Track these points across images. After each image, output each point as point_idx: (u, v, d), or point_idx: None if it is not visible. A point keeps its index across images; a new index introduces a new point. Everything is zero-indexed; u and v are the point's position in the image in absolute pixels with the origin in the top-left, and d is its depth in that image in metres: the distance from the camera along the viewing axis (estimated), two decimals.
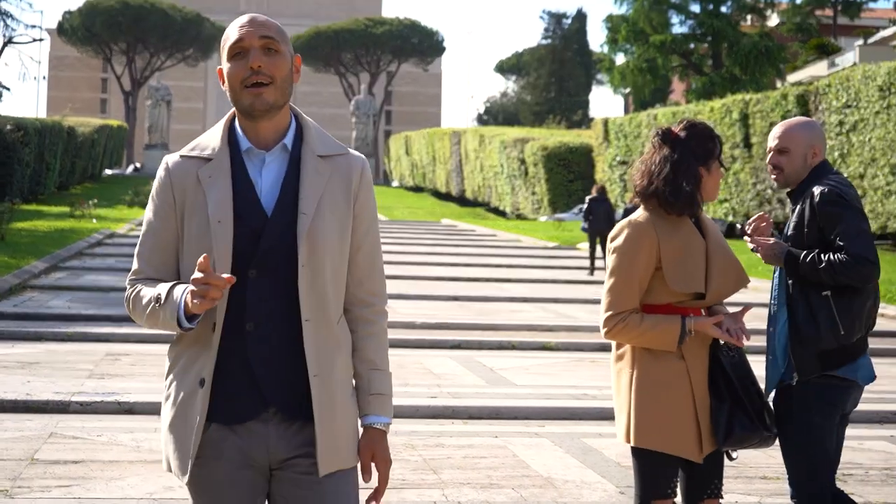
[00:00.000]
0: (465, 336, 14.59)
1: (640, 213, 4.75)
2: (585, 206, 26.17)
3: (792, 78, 62.16)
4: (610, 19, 63.42)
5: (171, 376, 3.40)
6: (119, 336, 13.24)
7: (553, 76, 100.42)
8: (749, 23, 66.60)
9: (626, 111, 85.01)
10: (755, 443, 4.71)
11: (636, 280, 4.64)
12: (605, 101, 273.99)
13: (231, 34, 3.34)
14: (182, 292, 3.20)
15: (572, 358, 13.16)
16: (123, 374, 10.85)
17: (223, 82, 3.38)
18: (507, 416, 9.67)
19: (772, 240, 5.03)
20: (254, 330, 3.28)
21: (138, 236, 3.44)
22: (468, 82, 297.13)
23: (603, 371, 11.91)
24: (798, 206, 5.03)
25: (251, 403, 3.29)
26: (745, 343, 4.67)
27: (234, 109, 3.42)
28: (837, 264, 4.81)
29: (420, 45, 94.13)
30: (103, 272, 20.95)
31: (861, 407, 10.00)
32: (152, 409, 9.27)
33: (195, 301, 3.08)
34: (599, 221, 25.17)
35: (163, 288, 3.27)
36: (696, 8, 62.84)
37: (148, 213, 3.43)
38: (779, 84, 62.24)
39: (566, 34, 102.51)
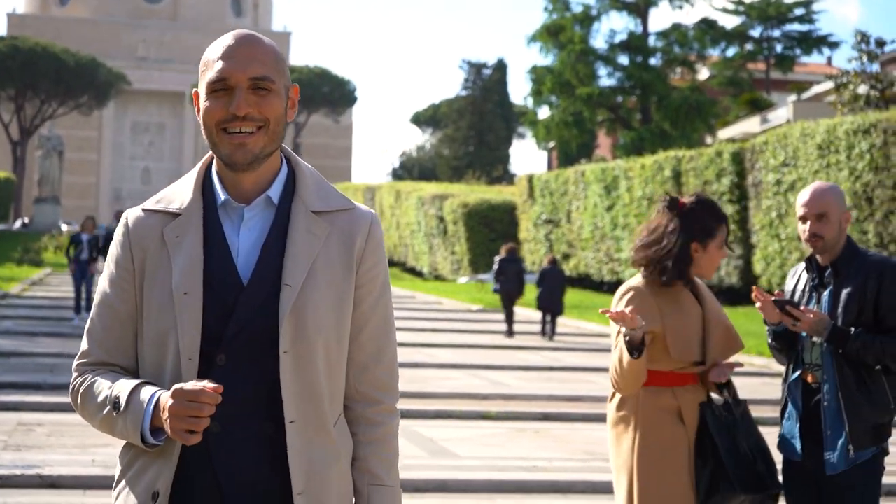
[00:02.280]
0: (399, 405, 14.62)
1: (638, 279, 5.01)
2: (496, 266, 27.38)
3: (723, 133, 63.33)
4: (534, 70, 64.21)
5: (119, 486, 2.90)
6: (30, 405, 13.16)
7: (472, 129, 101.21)
8: (679, 76, 67.81)
9: (550, 166, 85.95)
10: (735, 501, 4.96)
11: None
12: (526, 156, 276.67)
13: (213, 62, 2.85)
14: (151, 398, 2.73)
15: (514, 427, 13.32)
16: (41, 446, 10.82)
17: (198, 110, 2.90)
18: (455, 488, 9.79)
19: (816, 311, 5.19)
20: (220, 432, 2.77)
21: (34, 297, 3.21)
22: (382, 135, 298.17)
23: (548, 442, 12.08)
24: (851, 278, 5.20)
25: None
26: (723, 379, 5.01)
27: (210, 153, 2.97)
28: (890, 350, 5.06)
29: (331, 94, 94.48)
30: (0, 336, 20.74)
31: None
32: (76, 483, 9.31)
33: (178, 432, 2.62)
34: (510, 282, 26.43)
35: (123, 388, 2.79)
36: (624, 60, 63.91)
37: (102, 282, 2.96)
38: (709, 139, 63.44)
39: (486, 85, 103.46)
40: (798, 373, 5.34)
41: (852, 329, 5.11)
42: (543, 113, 66.97)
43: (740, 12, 74.66)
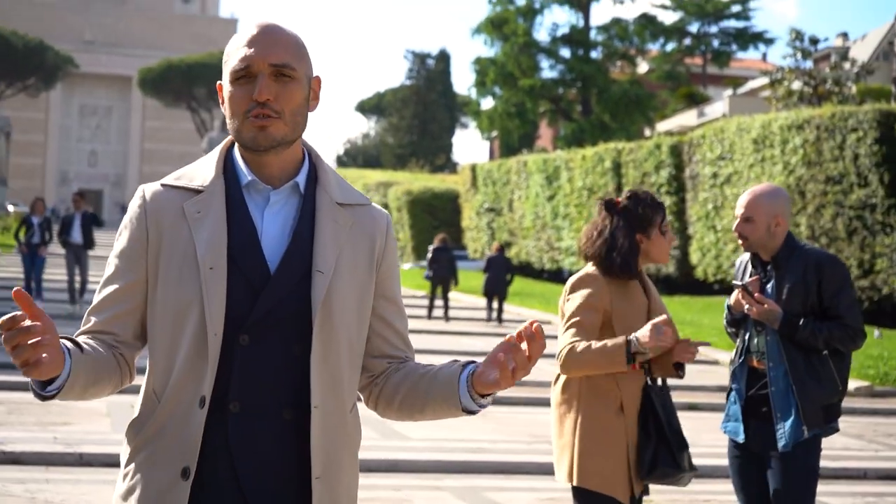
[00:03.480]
0: None
1: (591, 269, 5.26)
2: (430, 255, 28.31)
3: (661, 126, 63.92)
4: (478, 62, 64.46)
5: (133, 465, 2.82)
6: None
7: (416, 118, 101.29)
8: (619, 69, 68.30)
9: (492, 156, 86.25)
10: (675, 479, 5.28)
11: (594, 324, 5.17)
12: (468, 145, 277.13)
13: (236, 51, 2.84)
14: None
15: None
16: (2, 423, 10.89)
17: (222, 101, 2.88)
18: (406, 469, 10.00)
19: (770, 301, 5.49)
20: (239, 412, 2.75)
21: None
22: (327, 122, 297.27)
23: (492, 422, 12.32)
24: (791, 272, 5.50)
25: None
26: (688, 359, 5.19)
27: (230, 137, 2.95)
28: (837, 335, 5.42)
29: None
30: None
31: (715, 462, 10.56)
32: (39, 460, 9.43)
33: (23, 367, 2.43)
34: (442, 269, 27.39)
35: None
36: (566, 53, 64.31)
37: (112, 256, 2.89)
38: (648, 132, 63.96)
39: (430, 75, 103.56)
40: (742, 359, 5.65)
41: (801, 319, 5.41)
42: (487, 103, 67.30)
43: (679, 8, 75.27)
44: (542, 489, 9.43)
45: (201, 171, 2.89)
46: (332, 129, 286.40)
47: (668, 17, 74.99)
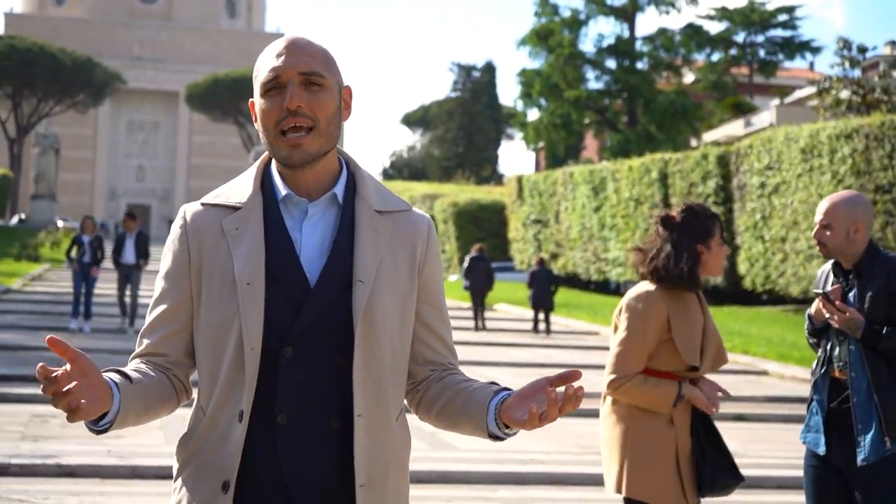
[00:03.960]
0: None
1: (648, 286, 5.28)
2: (466, 264, 28.59)
3: (707, 137, 63.67)
4: (523, 73, 64.51)
5: (180, 479, 2.89)
6: (42, 397, 13.34)
7: (462, 130, 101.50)
8: (665, 80, 68.16)
9: (538, 167, 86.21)
10: (731, 489, 5.33)
11: (644, 346, 5.22)
12: (514, 156, 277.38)
13: (265, 63, 2.86)
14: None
15: None
16: (57, 436, 11.03)
17: (255, 119, 2.90)
18: (457, 480, 10.03)
19: (852, 310, 5.41)
20: (286, 424, 2.78)
21: (34, 292, 2.95)
22: (373, 135, 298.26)
23: (543, 434, 12.33)
24: (874, 279, 5.46)
25: None
26: (716, 412, 5.30)
27: (267, 153, 2.97)
28: None
29: None
30: (5, 330, 20.90)
31: (762, 473, 10.54)
32: (93, 472, 9.54)
33: (67, 415, 2.49)
34: (479, 279, 27.71)
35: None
36: (611, 64, 64.27)
37: (159, 278, 2.96)
38: (694, 142, 63.76)
39: (475, 87, 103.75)
40: (825, 369, 5.58)
41: (884, 328, 5.37)
42: (532, 115, 67.32)
43: (724, 18, 75.03)
44: (592, 500, 9.45)
45: (239, 188, 2.93)
46: (377, 142, 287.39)
47: (714, 27, 74.90)
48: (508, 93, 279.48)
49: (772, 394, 16.69)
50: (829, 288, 5.59)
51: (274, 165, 2.94)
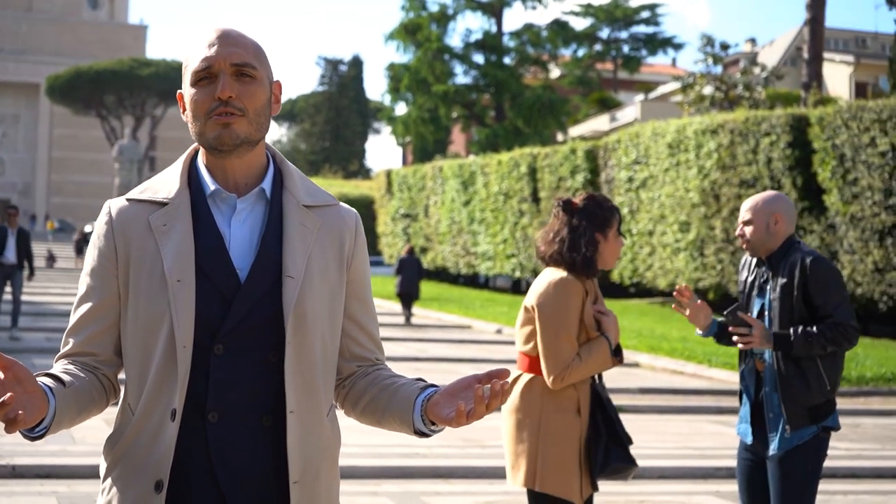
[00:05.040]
0: None
1: (559, 272, 5.31)
2: (397, 264, 28.52)
3: (574, 131, 64.41)
4: (391, 68, 64.48)
5: (110, 479, 2.82)
6: None
7: (329, 124, 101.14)
8: (531, 75, 68.69)
9: (405, 161, 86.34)
10: (626, 474, 5.40)
11: (572, 330, 5.28)
12: (381, 151, 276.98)
13: (196, 54, 2.82)
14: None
15: None
16: None
17: (183, 110, 2.88)
18: (343, 475, 9.98)
19: (755, 322, 5.52)
20: (217, 422, 2.74)
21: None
22: None
23: None
24: (783, 271, 5.57)
25: None
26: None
27: (194, 145, 2.93)
28: (830, 335, 5.43)
29: None
30: None
31: (686, 463, 10.77)
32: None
33: (5, 425, 2.42)
34: (411, 278, 27.63)
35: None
36: (479, 59, 64.54)
37: (83, 275, 2.89)
38: (560, 137, 64.41)
39: (342, 81, 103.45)
40: (750, 361, 5.72)
41: (791, 331, 5.47)
42: (400, 109, 67.34)
43: (589, 14, 75.98)
44: (477, 493, 9.50)
45: (165, 183, 2.87)
46: None
47: (580, 24, 75.59)
48: (375, 87, 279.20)
49: (645, 385, 16.96)
50: (749, 278, 5.76)
51: (201, 160, 2.90)
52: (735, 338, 5.59)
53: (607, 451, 5.29)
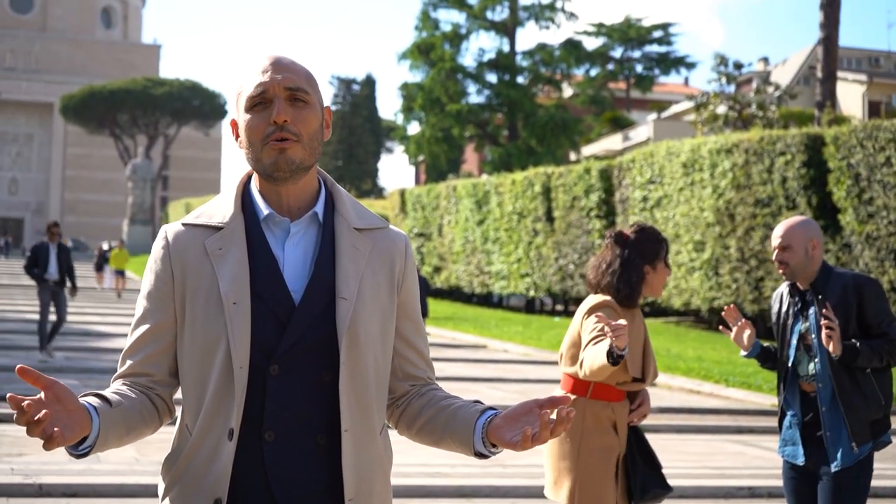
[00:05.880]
0: None
1: (604, 298, 5.48)
2: None
3: (587, 150, 64.52)
4: (405, 87, 64.62)
5: (168, 499, 2.90)
6: None
7: (342, 143, 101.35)
8: (545, 94, 68.79)
9: (418, 180, 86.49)
10: (661, 499, 5.55)
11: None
12: (395, 170, 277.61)
13: (250, 80, 2.89)
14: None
15: None
16: None
17: (236, 137, 2.93)
18: None
19: (838, 327, 5.60)
20: (273, 441, 2.81)
21: None
22: None
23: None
24: (831, 294, 5.68)
25: None
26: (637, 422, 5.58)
27: (247, 171, 3.01)
28: (888, 348, 5.60)
29: (201, 107, 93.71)
30: None
31: (707, 483, 10.79)
32: None
33: (44, 442, 2.49)
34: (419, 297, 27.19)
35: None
36: (492, 78, 64.65)
37: (140, 298, 2.97)
38: (573, 156, 64.48)
39: (355, 100, 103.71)
40: (794, 384, 5.82)
41: (855, 342, 5.60)
42: (413, 129, 67.44)
43: (602, 34, 76.11)
44: None
45: (220, 208, 2.94)
46: None
47: (592, 43, 75.85)
48: (389, 106, 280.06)
49: (663, 405, 16.97)
50: (784, 308, 5.86)
51: (254, 185, 2.97)
52: (823, 321, 5.60)
53: (645, 477, 5.43)
